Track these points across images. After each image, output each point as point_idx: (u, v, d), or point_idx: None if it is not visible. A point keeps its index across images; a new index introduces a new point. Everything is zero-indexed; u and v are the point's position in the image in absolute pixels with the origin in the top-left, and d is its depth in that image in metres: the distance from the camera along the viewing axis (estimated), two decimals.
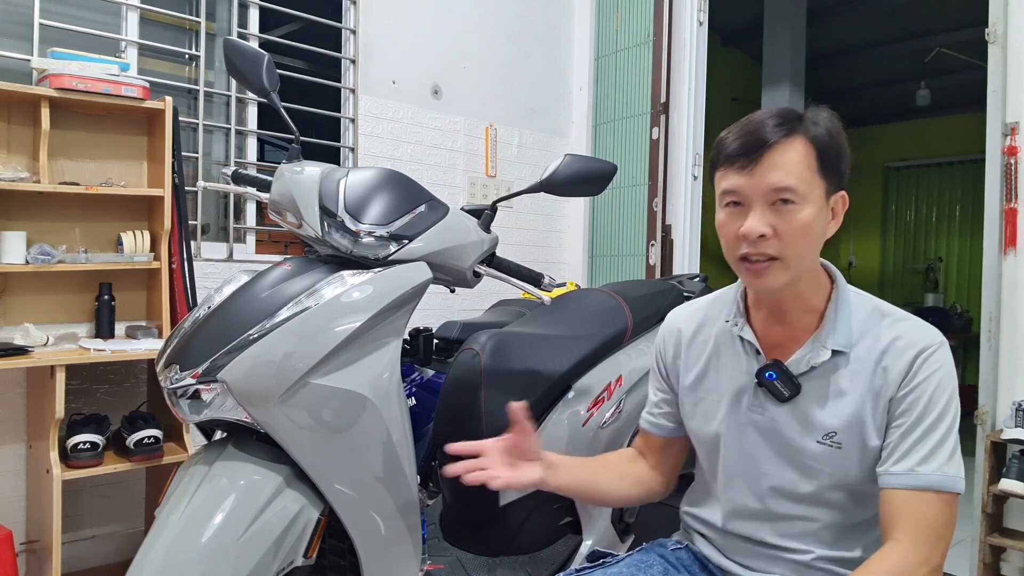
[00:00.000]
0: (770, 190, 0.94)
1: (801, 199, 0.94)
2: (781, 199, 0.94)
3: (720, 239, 1.02)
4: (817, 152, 0.96)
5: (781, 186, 0.94)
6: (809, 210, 0.95)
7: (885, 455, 0.98)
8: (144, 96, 2.20)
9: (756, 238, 0.94)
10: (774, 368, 1.04)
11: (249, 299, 1.22)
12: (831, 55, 6.14)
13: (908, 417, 0.97)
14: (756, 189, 0.95)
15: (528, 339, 1.66)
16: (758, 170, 0.94)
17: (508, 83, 3.53)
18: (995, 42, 2.37)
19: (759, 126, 0.96)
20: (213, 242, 2.68)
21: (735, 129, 0.98)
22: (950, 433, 0.97)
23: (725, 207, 0.99)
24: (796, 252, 0.96)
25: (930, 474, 0.94)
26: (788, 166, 0.94)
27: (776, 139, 0.94)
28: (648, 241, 3.39)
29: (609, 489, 1.19)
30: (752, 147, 0.95)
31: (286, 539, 1.12)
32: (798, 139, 0.96)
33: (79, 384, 2.27)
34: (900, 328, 1.01)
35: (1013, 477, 2.19)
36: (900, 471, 0.96)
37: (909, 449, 0.96)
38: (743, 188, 0.96)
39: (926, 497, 0.94)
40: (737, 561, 1.10)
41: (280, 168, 1.40)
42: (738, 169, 0.96)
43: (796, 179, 0.94)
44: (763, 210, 0.95)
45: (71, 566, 2.27)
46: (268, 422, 1.13)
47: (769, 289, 0.99)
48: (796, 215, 0.94)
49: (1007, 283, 2.36)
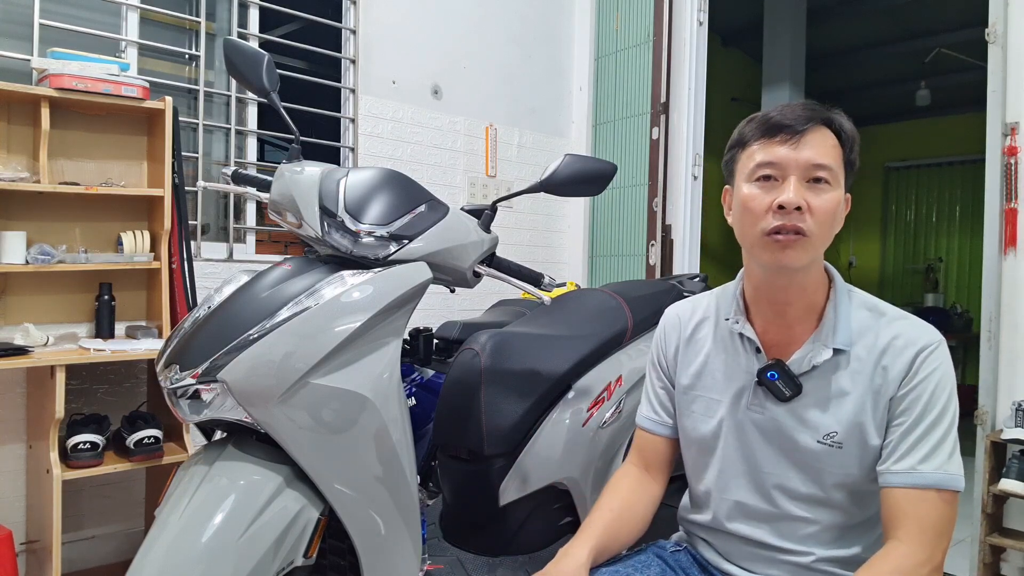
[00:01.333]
0: (810, 165, 0.97)
1: (834, 180, 0.98)
2: (815, 177, 0.97)
3: (742, 215, 1.02)
4: (843, 144, 1.01)
5: (821, 163, 0.97)
6: (837, 193, 0.99)
7: (886, 454, 0.98)
8: (144, 96, 2.20)
9: (793, 209, 0.95)
10: (776, 368, 1.04)
11: (249, 299, 1.22)
12: (831, 55, 6.14)
13: (908, 416, 0.97)
14: (796, 163, 0.97)
15: (528, 339, 1.66)
16: (801, 144, 0.97)
17: (508, 83, 3.53)
18: (995, 42, 2.37)
19: (800, 108, 1.00)
20: (213, 242, 2.68)
21: (773, 110, 1.01)
22: (950, 431, 0.97)
23: (756, 181, 1.00)
24: (821, 231, 0.98)
25: (931, 473, 0.94)
26: (823, 147, 0.98)
27: (817, 122, 0.99)
28: (648, 241, 3.39)
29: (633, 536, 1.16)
30: (798, 122, 0.98)
31: (286, 539, 1.12)
32: (828, 129, 1.00)
33: (79, 384, 2.27)
34: (898, 327, 1.02)
35: (1013, 477, 2.19)
36: (901, 470, 0.96)
37: (910, 448, 0.96)
38: (783, 160, 0.98)
39: (928, 496, 0.94)
40: (737, 563, 1.10)
41: (280, 168, 1.40)
42: (780, 141, 0.98)
43: (832, 160, 0.98)
44: (798, 184, 0.97)
45: (71, 566, 2.27)
46: (268, 422, 1.13)
47: (792, 265, 0.98)
48: (827, 194, 0.98)
49: (1007, 283, 2.36)
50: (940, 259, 7.11)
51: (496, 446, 1.52)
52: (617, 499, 1.17)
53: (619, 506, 1.16)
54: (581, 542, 1.09)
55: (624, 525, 1.14)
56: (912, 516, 0.94)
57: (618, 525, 1.13)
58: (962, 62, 5.64)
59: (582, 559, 1.06)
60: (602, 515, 1.14)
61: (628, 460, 1.24)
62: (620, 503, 1.16)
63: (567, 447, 1.61)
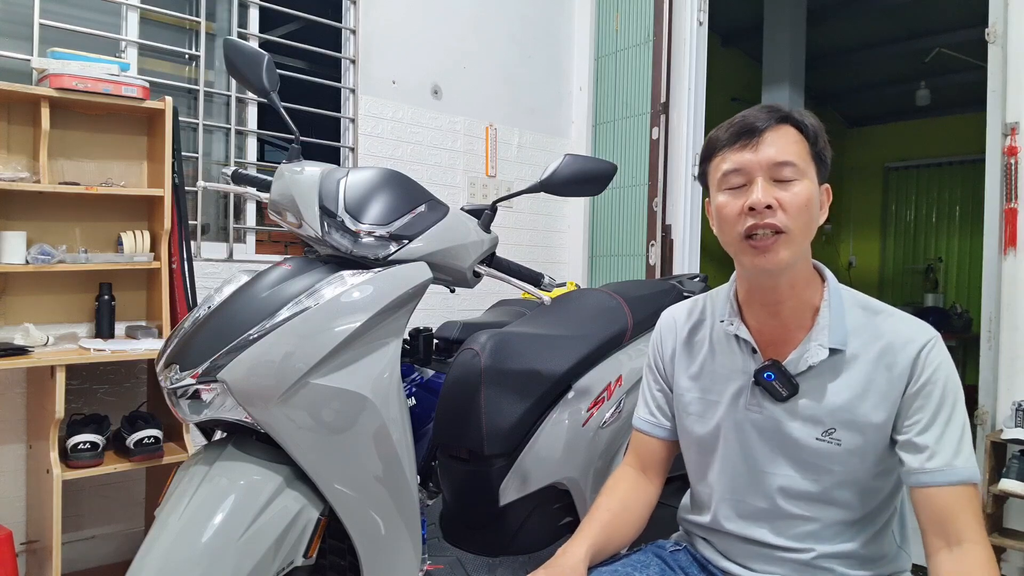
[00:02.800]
0: (773, 164, 0.99)
1: (800, 174, 0.99)
2: (780, 176, 0.99)
3: (720, 224, 1.04)
4: (807, 139, 1.02)
5: (782, 160, 0.99)
6: (808, 185, 1.00)
7: (912, 453, 0.98)
8: (144, 96, 2.20)
9: (763, 208, 0.97)
10: (772, 368, 1.04)
11: (249, 299, 1.22)
12: (831, 55, 6.14)
13: (926, 412, 0.98)
14: (758, 164, 0.99)
15: (528, 339, 1.66)
16: (760, 146, 0.99)
17: (508, 83, 3.53)
18: (995, 42, 2.37)
19: (758, 110, 1.02)
20: (213, 242, 2.68)
21: (729, 121, 1.04)
22: (966, 423, 0.99)
23: (727, 189, 1.02)
24: (799, 225, 0.98)
25: (964, 467, 0.96)
26: (786, 144, 1.00)
27: (771, 122, 1.01)
28: (648, 241, 3.39)
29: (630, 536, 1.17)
30: (752, 128, 1.01)
31: (286, 539, 1.12)
32: (789, 126, 1.02)
33: (79, 384, 2.27)
34: (893, 324, 1.02)
35: (1013, 477, 2.19)
36: (936, 468, 0.96)
37: (937, 444, 0.96)
38: (747, 164, 1.00)
39: (968, 490, 0.96)
40: (736, 561, 1.10)
41: (280, 168, 1.40)
42: (740, 148, 1.01)
43: (795, 155, 0.99)
44: (766, 185, 0.98)
45: (71, 566, 2.27)
46: (268, 422, 1.13)
47: (775, 267, 0.99)
48: (796, 188, 0.99)
49: (1007, 283, 2.36)
50: (940, 259, 7.12)
51: (496, 446, 1.52)
52: (615, 500, 1.18)
53: (617, 507, 1.16)
54: (579, 540, 1.10)
55: (621, 525, 1.15)
56: (967, 514, 0.95)
57: (615, 525, 1.14)
58: (962, 62, 5.64)
59: (580, 555, 1.07)
60: (600, 515, 1.15)
61: (625, 462, 1.25)
62: (617, 504, 1.17)
63: (567, 447, 1.61)
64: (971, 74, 5.62)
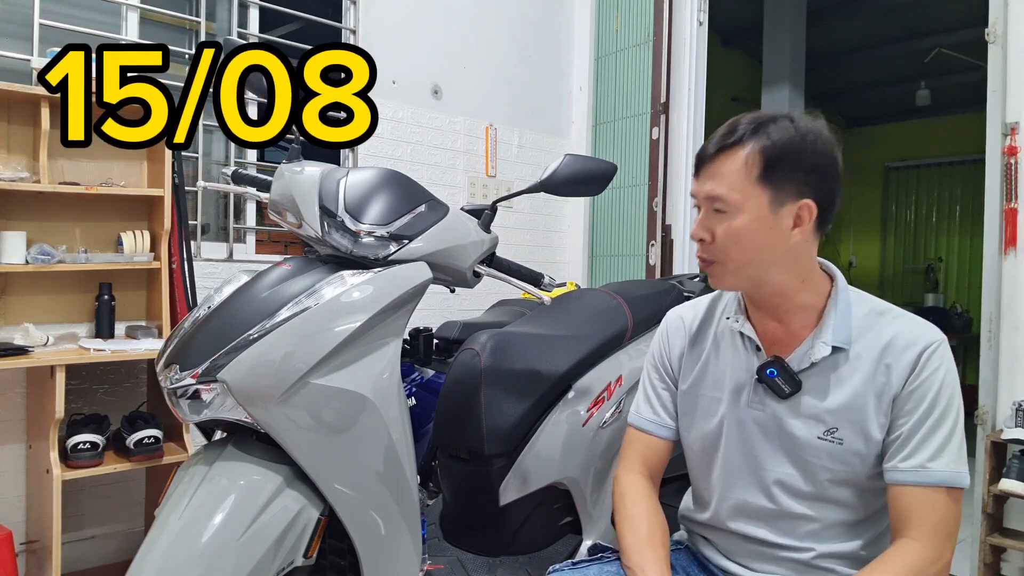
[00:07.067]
0: (707, 198, 1.01)
1: (733, 208, 0.99)
2: (717, 207, 1.00)
3: None
4: (764, 161, 0.97)
5: (713, 195, 1.00)
6: (742, 219, 0.99)
7: (892, 451, 0.99)
8: None
9: (697, 240, 1.04)
10: (775, 365, 1.04)
11: (249, 299, 1.22)
12: (831, 55, 6.14)
13: (914, 414, 0.98)
14: (701, 195, 1.03)
15: (528, 339, 1.66)
16: (702, 177, 1.02)
17: (508, 83, 3.53)
18: (995, 42, 2.37)
19: (718, 136, 1.02)
20: (213, 242, 2.68)
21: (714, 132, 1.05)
22: (956, 429, 0.98)
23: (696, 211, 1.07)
24: (731, 257, 1.01)
25: (940, 471, 0.95)
26: (722, 176, 0.99)
27: (713, 151, 1.01)
28: (648, 241, 3.39)
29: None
30: (700, 158, 1.03)
31: (286, 539, 1.12)
32: (741, 151, 0.98)
33: (79, 384, 2.27)
34: (899, 325, 1.02)
35: (1013, 477, 2.19)
36: (910, 467, 0.97)
37: (918, 445, 0.97)
38: (697, 194, 1.04)
39: (937, 494, 0.95)
40: (737, 560, 1.10)
41: (280, 168, 1.40)
42: (696, 175, 1.05)
43: (727, 189, 0.98)
44: (706, 215, 1.02)
45: (71, 566, 2.27)
46: (268, 422, 1.13)
47: (723, 290, 1.09)
48: (726, 223, 1.00)
49: (1007, 283, 2.36)
50: (940, 259, 7.11)
51: (496, 446, 1.52)
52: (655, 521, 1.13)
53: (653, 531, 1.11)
54: (653, 562, 1.05)
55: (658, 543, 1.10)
56: (923, 514, 0.95)
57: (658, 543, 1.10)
58: (962, 62, 5.64)
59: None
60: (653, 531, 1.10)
61: (630, 468, 1.20)
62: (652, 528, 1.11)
63: (567, 447, 1.61)
64: (971, 74, 5.62)
